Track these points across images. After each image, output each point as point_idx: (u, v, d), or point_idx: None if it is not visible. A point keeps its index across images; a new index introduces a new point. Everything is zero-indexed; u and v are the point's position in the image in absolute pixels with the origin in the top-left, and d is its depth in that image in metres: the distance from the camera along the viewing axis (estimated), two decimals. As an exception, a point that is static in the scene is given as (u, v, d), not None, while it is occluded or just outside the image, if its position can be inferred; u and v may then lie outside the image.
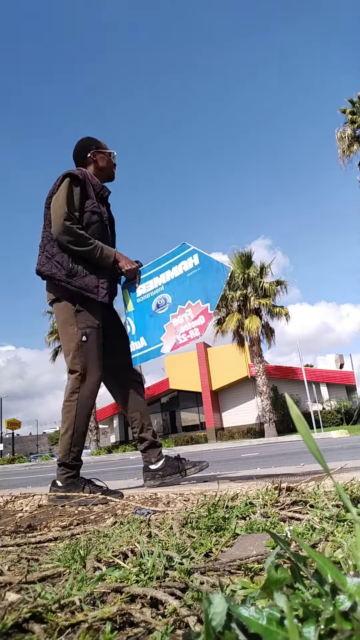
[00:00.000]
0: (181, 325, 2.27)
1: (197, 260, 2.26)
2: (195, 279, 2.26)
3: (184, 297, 2.29)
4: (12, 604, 0.66)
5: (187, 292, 2.29)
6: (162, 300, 2.39)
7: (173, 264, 2.38)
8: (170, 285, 2.38)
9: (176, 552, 0.89)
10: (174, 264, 2.37)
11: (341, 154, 23.44)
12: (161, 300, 2.39)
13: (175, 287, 2.35)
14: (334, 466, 2.35)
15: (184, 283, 2.31)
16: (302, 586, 0.53)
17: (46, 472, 10.17)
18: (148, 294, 2.49)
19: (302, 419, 0.48)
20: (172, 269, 2.37)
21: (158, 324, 2.38)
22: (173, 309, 2.33)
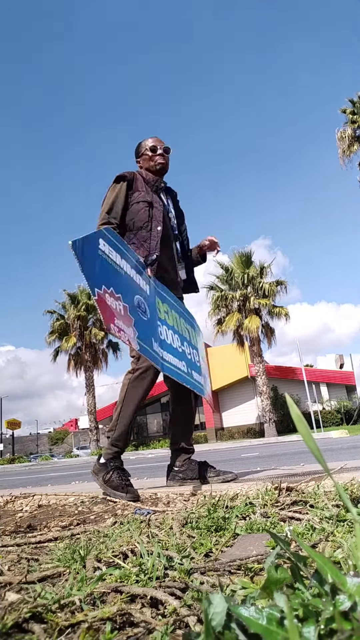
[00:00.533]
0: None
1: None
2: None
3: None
4: (12, 604, 0.66)
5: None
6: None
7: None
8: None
9: (176, 552, 0.89)
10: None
11: (341, 154, 23.44)
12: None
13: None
14: (334, 466, 2.35)
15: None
16: (302, 586, 0.53)
17: (46, 472, 10.17)
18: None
19: (302, 419, 0.48)
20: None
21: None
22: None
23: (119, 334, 1.82)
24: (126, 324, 1.86)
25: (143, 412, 34.12)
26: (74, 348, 27.38)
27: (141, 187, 2.51)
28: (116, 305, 1.82)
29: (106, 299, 1.77)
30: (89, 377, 27.37)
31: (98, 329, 27.42)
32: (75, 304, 27.52)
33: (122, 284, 1.92)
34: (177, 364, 2.21)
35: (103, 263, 1.84)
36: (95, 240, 1.82)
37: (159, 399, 33.18)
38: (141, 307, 2.02)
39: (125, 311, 1.88)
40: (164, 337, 2.16)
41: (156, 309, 2.16)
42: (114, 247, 1.94)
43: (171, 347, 2.20)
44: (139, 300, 2.01)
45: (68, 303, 27.74)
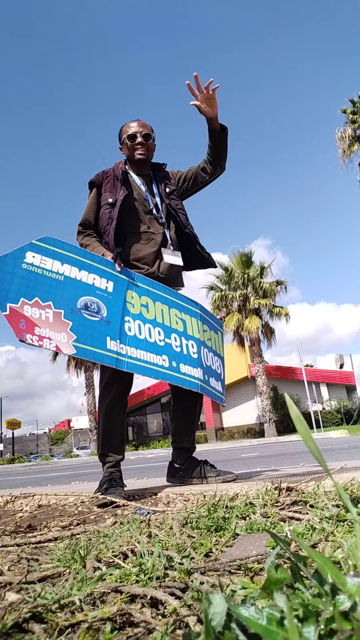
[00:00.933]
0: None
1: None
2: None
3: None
4: (12, 604, 0.66)
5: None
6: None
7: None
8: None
9: (176, 552, 0.89)
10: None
11: (341, 154, 23.43)
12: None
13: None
14: (334, 466, 2.35)
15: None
16: (302, 586, 0.53)
17: (46, 472, 10.17)
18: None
19: (302, 419, 0.48)
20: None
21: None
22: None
23: (40, 342, 1.86)
24: (56, 330, 1.92)
25: (143, 412, 34.15)
26: (73, 348, 27.34)
27: (110, 188, 2.42)
28: (40, 314, 1.91)
29: (22, 311, 1.87)
30: (89, 377, 27.38)
31: (98, 329, 27.32)
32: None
33: (57, 291, 1.99)
34: (152, 359, 2.15)
35: (26, 275, 1.95)
36: (16, 256, 1.95)
37: (159, 399, 33.18)
38: (90, 307, 2.05)
39: (57, 317, 1.94)
40: (133, 333, 2.14)
41: (124, 305, 2.16)
42: (51, 255, 2.03)
43: (145, 341, 2.16)
44: (86, 302, 2.05)
45: (68, 303, 27.68)
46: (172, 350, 2.25)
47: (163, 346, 2.22)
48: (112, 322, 2.10)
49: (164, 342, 2.24)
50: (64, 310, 1.97)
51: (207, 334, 2.47)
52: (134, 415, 34.31)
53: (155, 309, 2.27)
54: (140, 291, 2.25)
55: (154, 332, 2.23)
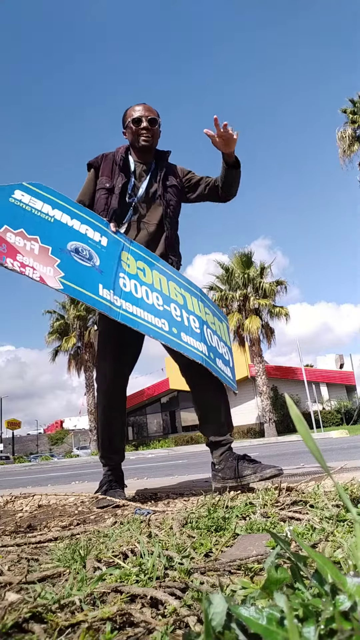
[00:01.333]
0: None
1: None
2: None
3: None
4: (12, 604, 0.66)
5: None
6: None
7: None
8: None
9: (176, 552, 0.89)
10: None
11: (341, 154, 23.44)
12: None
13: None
14: (334, 466, 2.35)
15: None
16: (302, 586, 0.53)
17: (46, 472, 10.17)
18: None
19: (301, 419, 0.48)
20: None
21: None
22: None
23: (22, 269, 1.76)
24: (42, 263, 1.81)
25: (143, 412, 34.15)
26: (73, 348, 27.41)
27: (107, 172, 2.30)
28: (25, 244, 1.82)
29: (5, 237, 1.78)
30: (89, 377, 27.37)
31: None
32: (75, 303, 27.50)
33: (45, 229, 1.90)
34: (150, 319, 1.97)
35: (12, 208, 1.87)
36: (3, 190, 1.89)
37: (159, 399, 33.19)
38: (81, 252, 1.94)
39: (44, 252, 1.84)
40: (129, 290, 1.99)
41: (119, 262, 2.04)
42: (42, 198, 1.97)
43: (142, 301, 2.00)
44: (77, 247, 1.94)
45: (68, 303, 27.74)
46: (172, 318, 2.05)
47: (162, 311, 2.04)
48: (105, 272, 1.96)
49: (162, 308, 2.05)
50: (51, 247, 1.86)
51: (209, 317, 2.30)
52: (134, 415, 34.31)
53: (153, 276, 2.12)
54: (137, 256, 2.12)
55: (152, 296, 2.05)
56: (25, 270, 1.76)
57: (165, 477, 3.77)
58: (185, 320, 2.10)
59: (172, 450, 17.07)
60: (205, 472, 3.84)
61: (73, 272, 1.85)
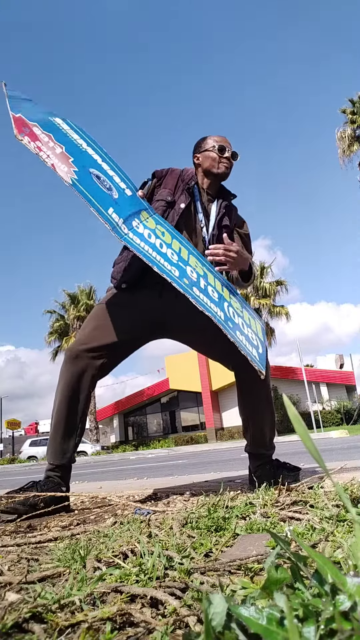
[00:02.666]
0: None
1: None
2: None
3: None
4: (12, 604, 0.66)
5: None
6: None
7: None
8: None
9: (176, 552, 0.89)
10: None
11: (341, 154, 23.47)
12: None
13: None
14: (334, 466, 2.35)
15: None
16: (302, 586, 0.53)
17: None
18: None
19: (300, 420, 0.48)
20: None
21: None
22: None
23: (37, 151, 1.69)
24: (59, 159, 1.71)
25: (143, 412, 34.14)
26: (73, 348, 27.36)
27: (170, 185, 2.18)
28: (49, 142, 1.75)
29: (31, 127, 1.76)
30: (89, 377, 27.31)
31: (98, 329, 27.33)
32: (75, 304, 27.52)
33: (72, 147, 1.81)
34: (159, 260, 1.72)
35: (49, 123, 1.86)
36: (49, 110, 1.90)
37: (159, 399, 33.18)
38: (101, 179, 1.79)
39: (65, 157, 1.73)
40: (141, 232, 1.76)
41: (138, 212, 1.83)
42: (80, 135, 1.92)
43: (154, 245, 1.75)
44: (99, 174, 1.80)
45: (68, 303, 27.75)
46: (185, 273, 1.78)
47: (175, 262, 1.78)
48: (120, 205, 1.77)
49: (176, 261, 1.79)
50: (73, 158, 1.76)
51: (235, 304, 1.96)
52: (134, 415, 34.30)
53: (172, 240, 1.88)
54: (158, 221, 1.91)
55: (166, 249, 1.80)
56: (40, 154, 1.68)
57: (165, 477, 3.77)
58: (201, 282, 1.81)
59: (172, 450, 17.07)
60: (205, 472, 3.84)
61: (86, 182, 1.71)
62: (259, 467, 2.04)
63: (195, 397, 30.42)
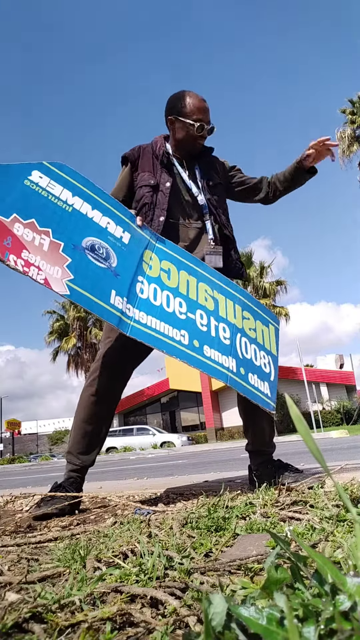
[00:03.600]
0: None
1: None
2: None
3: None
4: (12, 604, 0.66)
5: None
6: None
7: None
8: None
9: (176, 552, 0.89)
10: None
11: (341, 154, 23.49)
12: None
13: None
14: (334, 466, 2.35)
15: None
16: (302, 586, 0.53)
17: (46, 472, 10.17)
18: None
19: (301, 419, 0.48)
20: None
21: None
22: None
23: (25, 269, 1.54)
24: (50, 262, 1.59)
25: (143, 412, 34.16)
26: (73, 348, 27.45)
27: (147, 166, 2.10)
28: (34, 237, 1.59)
29: (12, 228, 1.56)
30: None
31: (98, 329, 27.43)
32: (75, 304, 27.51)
33: (60, 220, 1.68)
34: (167, 331, 1.74)
35: (28, 192, 1.65)
36: (21, 169, 1.67)
37: (159, 399, 33.19)
38: (97, 251, 1.72)
39: (55, 248, 1.62)
40: (146, 296, 1.76)
41: (139, 262, 1.81)
42: (62, 182, 1.75)
43: (160, 309, 1.77)
44: (94, 243, 1.72)
45: (67, 303, 27.77)
46: (196, 328, 1.80)
47: (184, 320, 1.79)
48: (121, 276, 1.73)
49: (185, 316, 1.80)
50: (64, 243, 1.64)
51: (248, 322, 2.01)
52: (134, 415, 34.31)
53: (179, 278, 1.87)
54: (163, 255, 1.88)
55: (174, 302, 1.81)
56: (29, 270, 1.55)
57: (165, 477, 3.77)
58: (213, 329, 1.86)
59: (172, 450, 17.06)
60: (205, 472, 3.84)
61: (84, 274, 1.64)
62: (260, 466, 2.04)
63: (195, 397, 30.42)
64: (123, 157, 2.15)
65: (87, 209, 1.76)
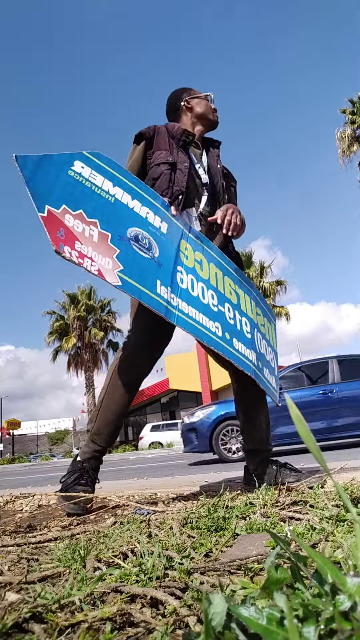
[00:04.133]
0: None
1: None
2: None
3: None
4: (12, 604, 0.66)
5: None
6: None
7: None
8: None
9: (176, 552, 0.89)
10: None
11: (341, 154, 23.49)
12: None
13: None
14: (334, 466, 2.35)
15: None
16: (302, 586, 0.53)
17: (46, 472, 10.17)
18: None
19: (301, 419, 0.48)
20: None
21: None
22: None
23: (80, 260, 1.55)
24: (100, 252, 1.60)
25: (143, 412, 34.17)
26: (73, 348, 27.44)
27: (163, 145, 2.09)
28: (83, 228, 1.61)
29: (63, 219, 1.57)
30: (89, 377, 27.42)
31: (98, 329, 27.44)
32: (75, 304, 27.53)
33: (105, 210, 1.69)
34: (205, 322, 1.80)
35: (72, 183, 1.66)
36: (63, 160, 1.67)
37: (159, 399, 33.19)
38: (141, 241, 1.74)
39: (103, 239, 1.63)
40: (186, 286, 1.81)
41: (178, 252, 1.85)
42: (102, 172, 1.76)
43: (198, 300, 1.82)
44: (137, 234, 1.74)
45: (67, 303, 27.77)
46: (226, 321, 1.87)
47: (216, 312, 1.86)
48: (163, 266, 1.77)
49: (217, 309, 1.87)
50: (111, 234, 1.65)
51: (260, 318, 2.10)
52: (133, 415, 34.32)
53: (210, 270, 1.93)
54: (195, 246, 1.92)
55: (208, 294, 1.87)
56: (84, 262, 1.55)
57: (165, 477, 3.77)
58: (238, 323, 1.93)
59: (172, 450, 17.06)
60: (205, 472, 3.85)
61: (132, 265, 1.66)
62: (259, 465, 2.01)
63: (195, 397, 30.41)
64: (138, 134, 2.12)
65: (128, 199, 1.78)
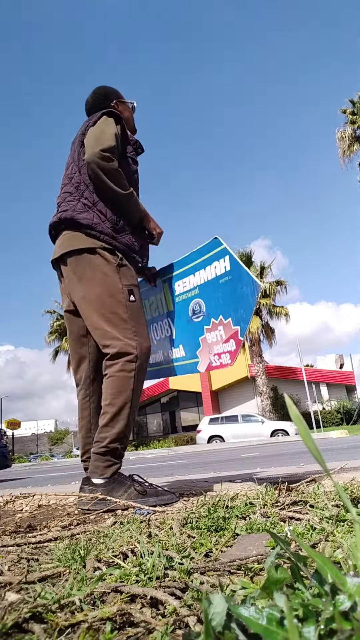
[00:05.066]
0: (214, 344, 1.96)
1: (228, 265, 1.91)
2: (226, 289, 1.92)
3: (217, 309, 1.97)
4: (12, 604, 0.66)
5: (219, 303, 1.96)
6: (197, 306, 2.06)
7: (206, 263, 2.04)
8: (204, 290, 2.05)
9: (176, 552, 0.89)
10: (206, 263, 2.03)
11: (341, 154, 23.48)
12: (196, 306, 2.06)
13: (209, 294, 2.02)
14: (334, 466, 2.35)
15: (217, 291, 1.97)
16: (302, 586, 0.53)
17: (46, 472, 10.17)
18: (185, 295, 2.17)
19: (301, 419, 0.48)
20: (206, 269, 2.04)
21: (195, 334, 2.08)
22: (207, 320, 2.02)
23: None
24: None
25: (143, 412, 34.15)
26: (73, 348, 27.34)
27: (131, 141, 2.10)
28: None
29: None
30: (89, 377, 27.29)
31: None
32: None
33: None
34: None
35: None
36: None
37: (159, 399, 33.19)
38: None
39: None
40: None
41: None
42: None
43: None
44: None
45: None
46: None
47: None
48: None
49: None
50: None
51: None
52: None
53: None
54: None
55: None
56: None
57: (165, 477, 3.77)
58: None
59: (172, 450, 17.06)
60: (205, 472, 3.84)
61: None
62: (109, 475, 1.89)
63: (195, 397, 30.43)
64: (117, 115, 2.00)
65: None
